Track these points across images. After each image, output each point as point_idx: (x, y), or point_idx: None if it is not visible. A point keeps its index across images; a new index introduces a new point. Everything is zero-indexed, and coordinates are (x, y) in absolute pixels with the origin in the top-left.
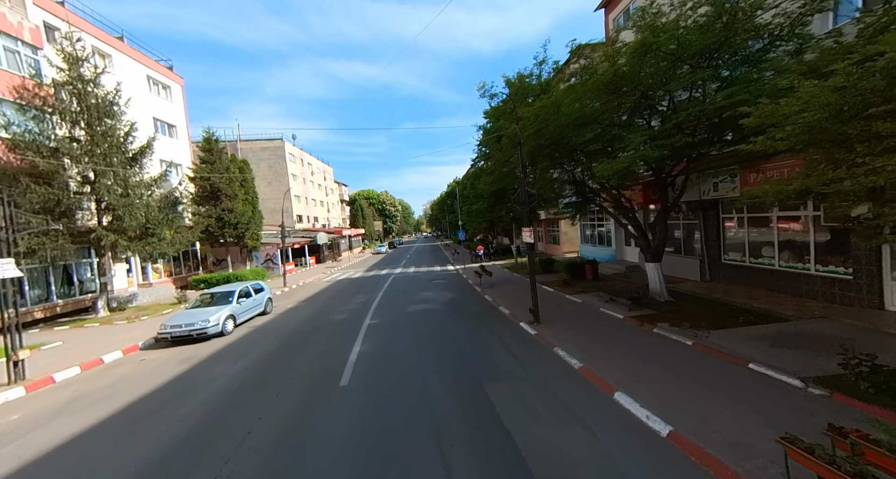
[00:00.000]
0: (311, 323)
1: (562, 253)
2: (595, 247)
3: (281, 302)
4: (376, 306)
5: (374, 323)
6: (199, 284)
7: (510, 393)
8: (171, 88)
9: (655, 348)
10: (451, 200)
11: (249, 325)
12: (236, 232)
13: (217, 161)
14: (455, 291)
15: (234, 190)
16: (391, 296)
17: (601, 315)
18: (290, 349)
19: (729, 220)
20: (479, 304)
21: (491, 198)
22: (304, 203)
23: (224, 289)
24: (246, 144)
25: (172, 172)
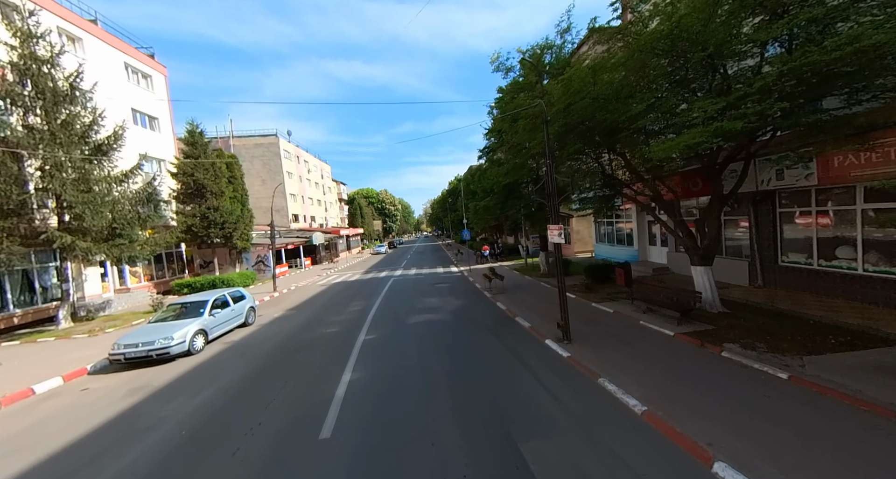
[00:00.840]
0: (297, 339)
1: (574, 253)
2: (613, 246)
3: (268, 310)
4: (373, 315)
5: (371, 339)
6: (181, 288)
7: (556, 456)
8: (153, 77)
9: (738, 383)
10: (452, 199)
11: (225, 340)
12: (223, 232)
13: (202, 156)
14: (462, 297)
15: (221, 187)
16: (391, 303)
17: (644, 331)
18: (266, 376)
19: (790, 214)
20: (492, 313)
21: (502, 192)
22: (300, 202)
23: (195, 299)
24: (239, 140)
25: (154, 167)
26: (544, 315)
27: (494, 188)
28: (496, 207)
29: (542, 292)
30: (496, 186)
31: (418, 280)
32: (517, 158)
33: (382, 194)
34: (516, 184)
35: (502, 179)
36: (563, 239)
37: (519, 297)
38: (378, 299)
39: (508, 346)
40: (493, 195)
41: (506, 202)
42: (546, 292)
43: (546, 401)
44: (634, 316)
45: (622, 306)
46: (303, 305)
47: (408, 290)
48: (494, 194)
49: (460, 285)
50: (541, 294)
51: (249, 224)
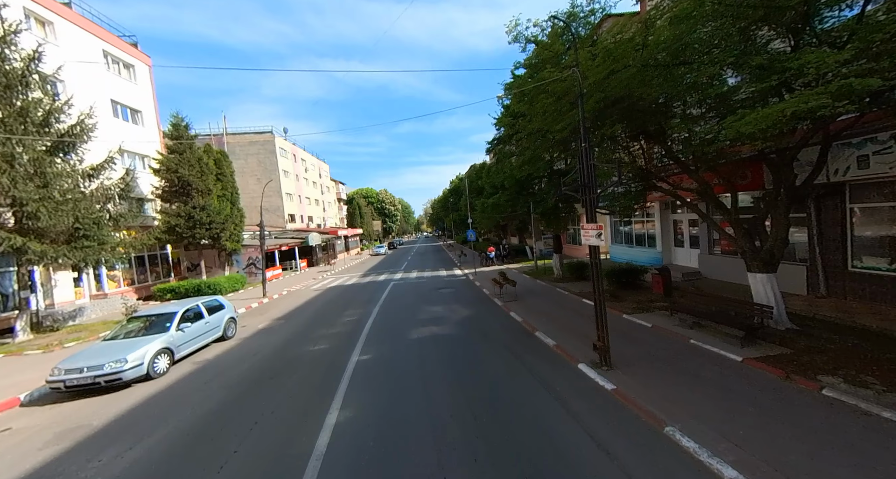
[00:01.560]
0: (279, 358)
1: (585, 255)
2: (632, 248)
3: (253, 319)
4: (370, 327)
5: (365, 361)
6: (164, 294)
7: None
8: (135, 67)
9: (879, 445)
10: (454, 198)
11: (197, 359)
12: (210, 233)
13: (187, 151)
14: (470, 304)
15: (208, 184)
16: (390, 312)
17: (699, 354)
18: (231, 415)
19: (865, 210)
20: (506, 326)
21: (514, 188)
22: (296, 201)
23: (161, 310)
24: (233, 137)
25: (138, 163)
26: (568, 329)
27: (505, 183)
28: (507, 204)
29: (559, 300)
30: (507, 182)
31: (420, 284)
32: (535, 147)
33: (382, 194)
34: (529, 179)
35: (517, 172)
36: (600, 240)
37: (534, 305)
38: (376, 306)
39: (533, 372)
40: (503, 192)
41: (517, 199)
42: (564, 299)
43: (596, 458)
44: (679, 333)
45: (660, 319)
46: (293, 313)
47: (409, 296)
48: (505, 190)
49: (466, 291)
50: (559, 302)
51: (240, 224)
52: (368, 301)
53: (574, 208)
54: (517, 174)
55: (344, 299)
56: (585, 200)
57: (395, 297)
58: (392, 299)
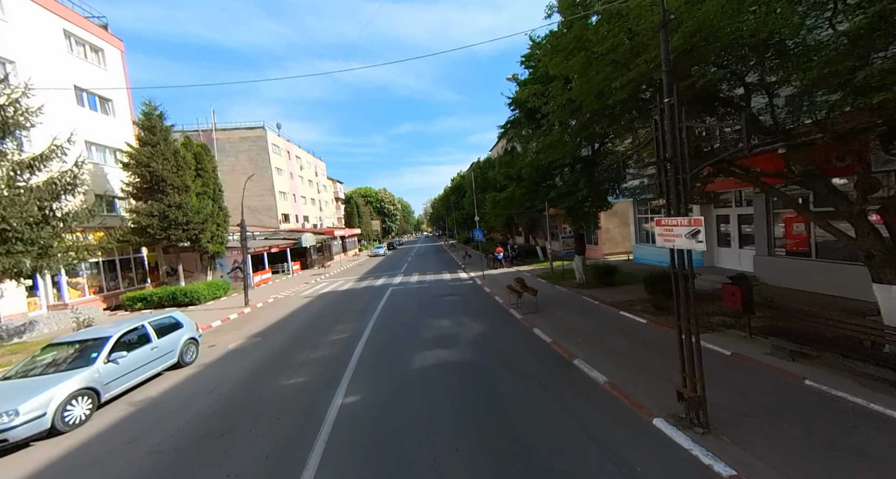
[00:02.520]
0: (239, 400)
1: (602, 256)
2: (659, 248)
3: (225, 336)
4: (362, 349)
5: (352, 404)
6: (134, 303)
7: None
8: (105, 51)
9: None
10: (456, 196)
11: (135, 398)
12: (187, 234)
13: (161, 143)
14: (482, 317)
15: (185, 181)
16: (387, 327)
17: (836, 406)
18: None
19: None
20: (534, 349)
21: (533, 179)
22: (290, 200)
23: (90, 335)
24: (223, 133)
25: (108, 157)
26: (617, 356)
27: (522, 174)
28: (523, 197)
29: (590, 313)
30: (525, 171)
31: (422, 290)
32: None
33: (381, 193)
34: (550, 168)
35: (544, 156)
36: (697, 242)
37: (561, 319)
38: (371, 319)
39: (590, 431)
40: (517, 184)
41: (537, 191)
42: (596, 312)
43: None
44: (780, 367)
45: (738, 342)
46: (274, 328)
47: (409, 305)
48: (521, 182)
49: (475, 299)
50: (591, 316)
51: (224, 225)
52: (363, 312)
53: (606, 202)
54: (544, 158)
55: (336, 308)
56: (666, 182)
57: (393, 306)
58: (390, 308)
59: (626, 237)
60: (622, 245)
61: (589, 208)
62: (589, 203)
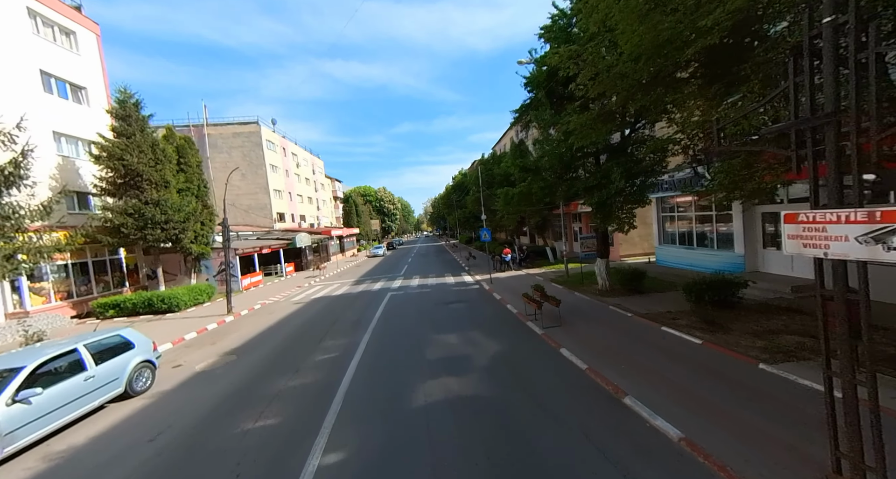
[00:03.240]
0: (189, 448)
1: (618, 258)
2: (692, 250)
3: (195, 353)
4: (352, 376)
5: (334, 466)
6: (105, 310)
7: None
8: (77, 34)
9: None
10: (458, 195)
11: (53, 449)
12: (166, 233)
13: (137, 134)
14: (495, 331)
15: (165, 176)
16: (384, 346)
17: None
18: None
19: None
20: (567, 379)
21: (557, 169)
22: (286, 199)
23: None
24: (215, 128)
25: (80, 149)
26: (679, 393)
27: (542, 164)
28: (542, 192)
29: (624, 327)
30: (545, 162)
31: (424, 296)
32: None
33: (381, 192)
34: (574, 158)
35: (576, 139)
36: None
37: (592, 336)
38: (365, 334)
39: None
40: (535, 176)
41: (557, 185)
42: (630, 326)
43: None
44: None
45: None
46: (253, 343)
47: (410, 314)
48: (540, 174)
49: (485, 307)
50: (626, 331)
51: (209, 224)
52: (357, 324)
53: (644, 197)
54: (576, 141)
55: (327, 318)
56: (816, 152)
57: (391, 316)
58: (388, 319)
59: (645, 238)
60: (640, 246)
61: (622, 204)
62: (622, 198)
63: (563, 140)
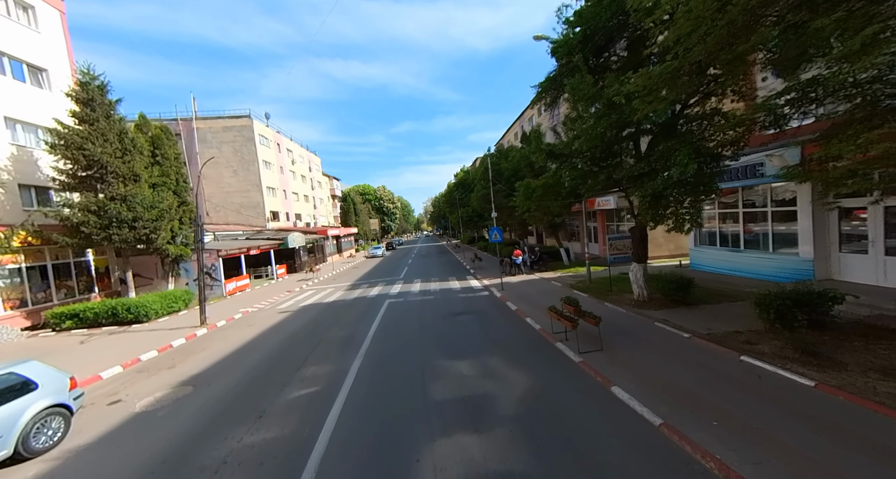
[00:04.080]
0: None
1: None
2: (737, 252)
3: (145, 383)
4: (334, 429)
5: None
6: (62, 321)
7: None
8: (36, 9)
9: None
10: (461, 193)
11: None
12: (135, 233)
13: (101, 121)
14: (520, 357)
15: (134, 168)
16: (378, 377)
17: None
18: None
19: None
20: (638, 443)
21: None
22: (280, 197)
23: None
24: (204, 122)
25: (39, 137)
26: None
27: (578, 147)
28: (575, 182)
29: (688, 355)
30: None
31: (426, 304)
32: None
33: (380, 191)
34: (618, 138)
35: (640, 106)
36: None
37: (645, 366)
38: (356, 358)
39: None
40: (565, 163)
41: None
42: (698, 355)
43: None
44: None
45: None
46: (217, 369)
47: (411, 330)
48: (570, 160)
49: (500, 321)
50: (693, 361)
51: (189, 223)
52: (347, 342)
53: (715, 186)
54: (639, 109)
55: (313, 334)
56: None
57: (389, 332)
58: (385, 336)
59: (672, 238)
60: (666, 247)
61: (685, 195)
62: (686, 188)
63: (605, 115)
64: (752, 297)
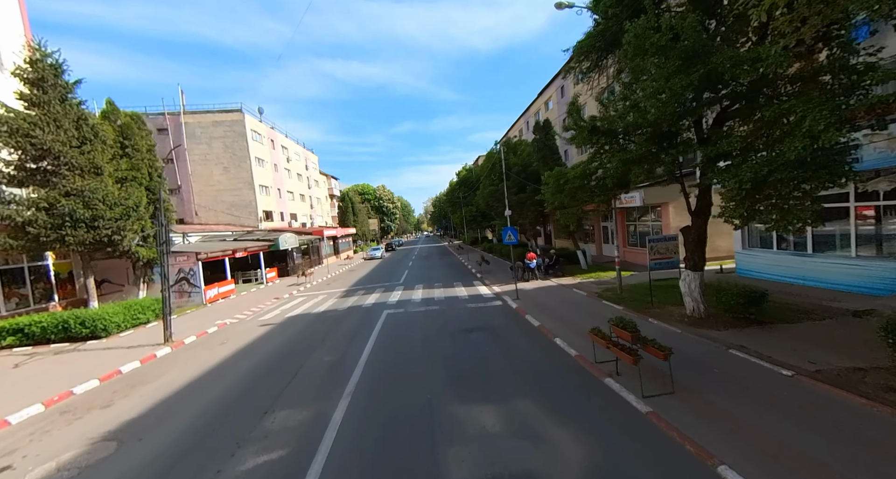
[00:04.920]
0: None
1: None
2: (800, 256)
3: (64, 430)
4: None
5: None
6: (2, 337)
7: None
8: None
9: None
10: (464, 191)
11: None
12: (94, 234)
13: (55, 105)
14: (560, 402)
15: (95, 160)
16: (373, 427)
17: None
18: None
19: None
20: None
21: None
22: (274, 196)
23: None
24: (193, 116)
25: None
26: None
27: (636, 120)
28: (631, 164)
29: (815, 415)
30: (655, 111)
31: (431, 317)
32: None
33: (380, 190)
34: (700, 102)
35: None
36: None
37: (746, 422)
38: (342, 398)
39: None
40: (614, 144)
41: (659, 151)
42: (825, 408)
43: None
44: None
45: None
46: (162, 411)
47: (414, 354)
48: (621, 141)
49: (522, 341)
50: (831, 424)
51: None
52: (333, 371)
53: (849, 169)
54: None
55: (292, 358)
56: None
57: (386, 357)
58: (381, 364)
59: None
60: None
61: (801, 182)
62: (803, 172)
63: (683, 71)
64: (849, 315)
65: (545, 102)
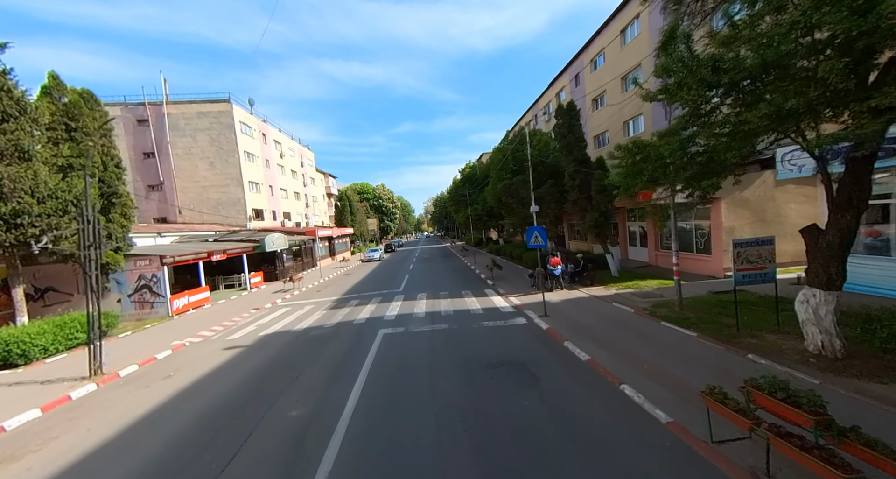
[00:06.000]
0: None
1: (721, 273)
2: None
3: None
4: None
5: None
6: None
7: None
8: None
9: None
10: (469, 189)
11: None
12: (17, 233)
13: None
14: None
15: (21, 142)
16: None
17: None
18: None
19: None
20: None
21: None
22: (265, 193)
23: None
24: (176, 107)
25: None
26: None
27: (789, 47)
28: (779, 121)
29: None
30: (823, 17)
31: (438, 340)
32: None
33: (379, 190)
34: None
35: None
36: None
37: None
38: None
39: None
40: (749, 94)
41: (857, 89)
42: None
43: None
44: None
45: None
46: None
47: (419, 410)
48: (760, 91)
49: (573, 387)
50: None
51: (122, 220)
52: (300, 439)
53: None
54: None
55: (252, 406)
56: None
57: (379, 413)
58: (371, 428)
59: None
60: None
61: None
62: None
63: None
64: None
65: (557, 92)
